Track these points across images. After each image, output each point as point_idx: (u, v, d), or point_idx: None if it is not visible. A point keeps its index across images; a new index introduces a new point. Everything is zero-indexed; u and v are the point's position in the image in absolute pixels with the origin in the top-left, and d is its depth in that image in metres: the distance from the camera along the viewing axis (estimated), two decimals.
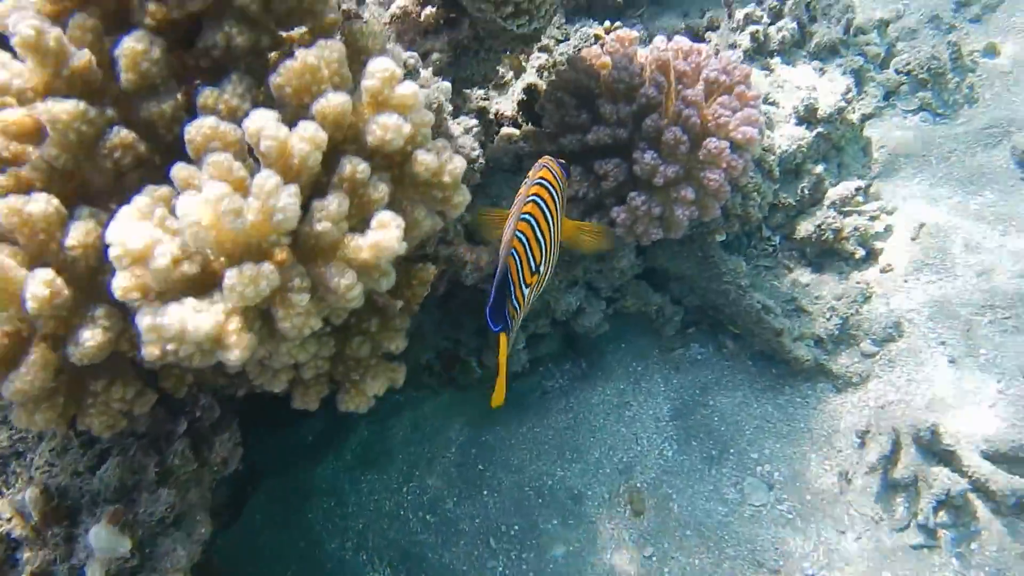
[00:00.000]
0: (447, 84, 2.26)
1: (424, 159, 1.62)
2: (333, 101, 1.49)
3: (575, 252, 3.10)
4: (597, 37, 3.80)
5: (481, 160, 2.36)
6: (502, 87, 3.60)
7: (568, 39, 4.01)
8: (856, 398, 3.22)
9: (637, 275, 3.30)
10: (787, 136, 3.47)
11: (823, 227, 3.47)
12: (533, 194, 2.14)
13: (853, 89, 3.56)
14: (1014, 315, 3.21)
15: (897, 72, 4.10)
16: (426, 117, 1.63)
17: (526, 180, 2.18)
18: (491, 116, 3.34)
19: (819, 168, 3.54)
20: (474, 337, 3.21)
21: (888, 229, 3.59)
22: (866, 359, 3.29)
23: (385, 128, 1.51)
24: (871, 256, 3.55)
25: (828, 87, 3.62)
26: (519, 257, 2.10)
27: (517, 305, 2.13)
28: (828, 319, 3.33)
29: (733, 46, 3.91)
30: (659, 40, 2.95)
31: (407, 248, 1.54)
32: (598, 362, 3.49)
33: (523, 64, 3.59)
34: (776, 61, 3.83)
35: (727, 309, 3.31)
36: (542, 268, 2.17)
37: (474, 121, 2.45)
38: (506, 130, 3.22)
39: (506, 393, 2.18)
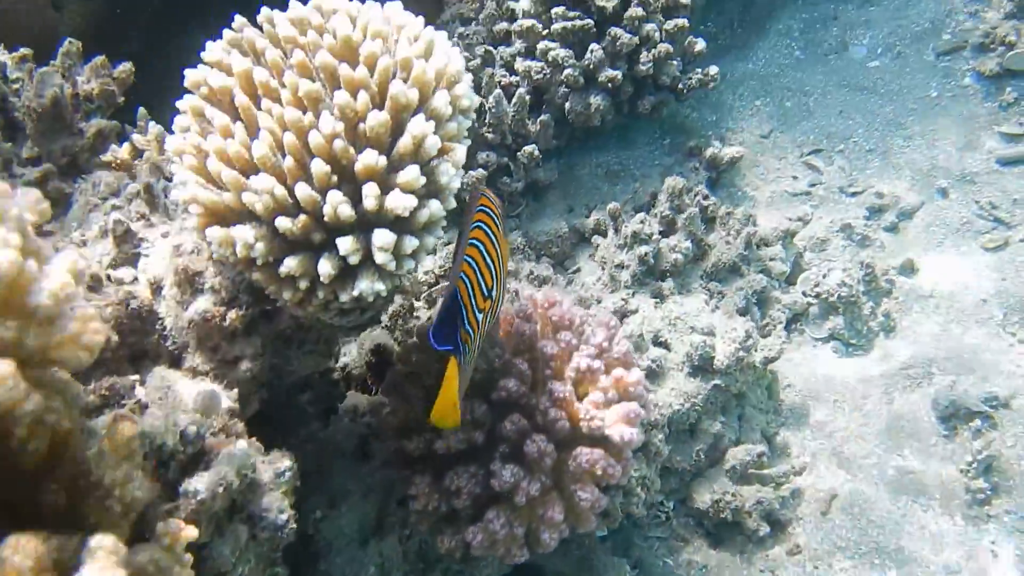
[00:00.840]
0: (245, 447, 1.97)
1: None
2: None
3: (428, 556, 2.82)
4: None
5: (292, 524, 2.07)
6: None
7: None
8: None
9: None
10: (679, 392, 3.25)
11: (721, 504, 3.23)
12: (477, 220, 2.18)
13: (754, 334, 3.35)
14: None
15: (804, 294, 3.92)
16: None
17: (468, 208, 2.23)
18: (336, 376, 3.08)
19: (716, 426, 3.33)
20: None
21: (796, 496, 3.37)
22: None
23: None
24: (778, 529, 3.31)
25: (727, 325, 3.43)
26: (469, 281, 2.10)
27: (471, 330, 2.09)
28: None
29: (620, 267, 3.72)
30: (526, 302, 2.73)
31: None
32: None
33: None
34: (669, 285, 3.64)
35: None
36: (494, 293, 2.19)
37: (287, 463, 2.15)
38: (352, 397, 2.96)
39: None
